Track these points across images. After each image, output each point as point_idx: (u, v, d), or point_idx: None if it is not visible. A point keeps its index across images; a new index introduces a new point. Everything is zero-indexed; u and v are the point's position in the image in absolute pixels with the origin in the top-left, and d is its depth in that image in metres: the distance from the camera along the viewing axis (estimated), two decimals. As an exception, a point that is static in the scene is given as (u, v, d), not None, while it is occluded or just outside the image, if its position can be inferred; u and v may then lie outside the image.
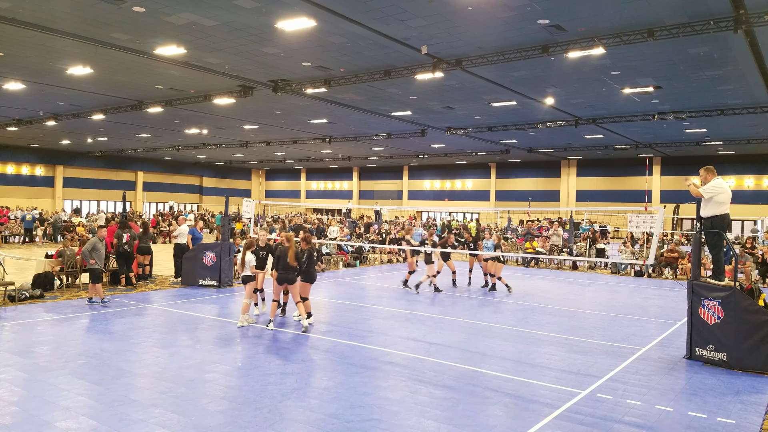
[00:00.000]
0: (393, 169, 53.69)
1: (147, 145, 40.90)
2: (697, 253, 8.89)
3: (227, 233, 14.76)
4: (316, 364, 7.88)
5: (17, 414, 5.76)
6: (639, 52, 15.14)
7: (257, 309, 11.50)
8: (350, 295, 14.27)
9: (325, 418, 5.85)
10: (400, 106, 24.03)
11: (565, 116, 25.46)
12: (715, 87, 19.05)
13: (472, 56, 15.87)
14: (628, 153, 37.49)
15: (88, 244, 11.94)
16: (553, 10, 12.29)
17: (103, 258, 12.03)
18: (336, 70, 17.81)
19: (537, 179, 45.94)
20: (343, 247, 21.70)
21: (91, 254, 11.70)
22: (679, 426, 5.86)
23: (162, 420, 5.68)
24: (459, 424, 5.77)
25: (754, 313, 7.88)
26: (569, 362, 8.22)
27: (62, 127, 30.96)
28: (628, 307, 13.13)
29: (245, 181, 62.07)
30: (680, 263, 19.14)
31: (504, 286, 15.07)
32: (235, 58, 16.56)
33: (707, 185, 8.54)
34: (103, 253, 12.02)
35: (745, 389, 7.14)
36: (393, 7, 12.27)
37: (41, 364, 7.46)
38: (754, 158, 36.95)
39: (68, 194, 46.50)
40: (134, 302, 12.18)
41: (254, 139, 37.00)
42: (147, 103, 24.06)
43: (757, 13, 12.00)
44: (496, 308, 12.63)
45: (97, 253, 11.75)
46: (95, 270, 11.70)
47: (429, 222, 36.62)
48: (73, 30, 14.14)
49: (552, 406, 6.35)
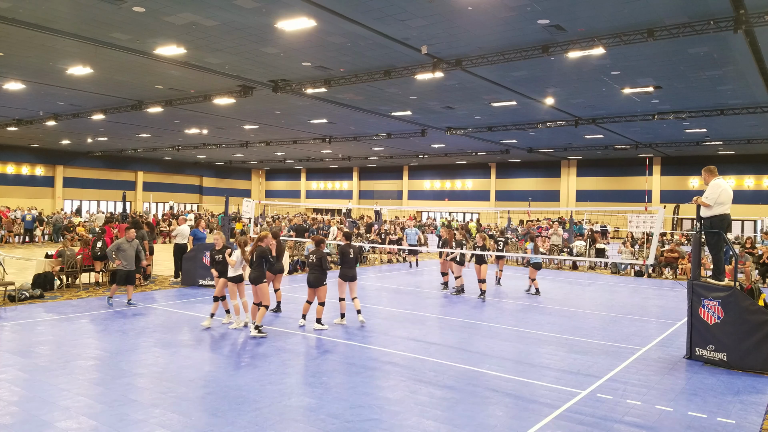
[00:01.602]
0: (393, 169, 53.69)
1: (147, 145, 40.92)
2: (697, 253, 8.88)
3: (227, 233, 14.75)
4: (316, 364, 7.88)
5: (17, 414, 5.76)
6: (639, 52, 15.14)
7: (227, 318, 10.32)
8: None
9: (325, 418, 5.85)
10: (400, 106, 24.03)
11: (565, 116, 25.46)
12: (715, 87, 19.05)
13: (472, 56, 15.88)
14: (628, 153, 37.49)
15: (113, 245, 11.67)
16: (553, 10, 12.29)
17: (131, 258, 11.59)
18: (336, 70, 17.81)
19: (537, 179, 45.94)
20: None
21: (117, 255, 11.45)
22: (679, 426, 5.86)
23: (162, 420, 5.68)
24: (459, 424, 5.77)
25: (754, 313, 7.87)
26: (569, 362, 8.22)
27: (62, 127, 30.96)
28: (628, 307, 13.13)
29: (245, 181, 62.08)
30: (680, 263, 19.14)
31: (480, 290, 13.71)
32: (235, 58, 16.56)
33: (707, 191, 8.56)
34: (131, 254, 11.58)
35: (745, 389, 7.14)
36: (393, 7, 12.27)
37: (41, 364, 7.46)
38: (754, 158, 36.95)
39: (68, 194, 46.51)
40: (134, 302, 12.18)
41: (254, 139, 37.01)
42: (147, 103, 24.06)
43: (757, 13, 12.00)
44: (496, 308, 12.62)
45: (123, 254, 11.44)
46: (118, 271, 11.56)
47: (429, 222, 36.59)
48: (73, 30, 14.14)
49: (552, 406, 6.35)
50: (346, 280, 10.26)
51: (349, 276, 10.25)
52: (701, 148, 34.25)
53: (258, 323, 9.30)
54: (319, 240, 10.23)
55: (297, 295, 14.11)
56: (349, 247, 10.31)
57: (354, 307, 10.53)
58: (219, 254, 10.00)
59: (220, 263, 10.01)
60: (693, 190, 38.84)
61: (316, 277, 9.81)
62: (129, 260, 11.57)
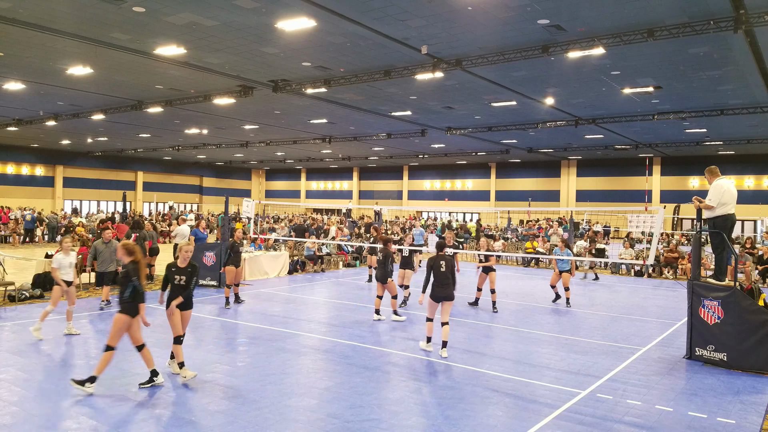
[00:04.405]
0: (393, 169, 53.68)
1: (147, 145, 40.90)
2: (697, 253, 8.88)
3: (227, 233, 14.76)
4: (316, 364, 7.88)
5: (17, 414, 5.76)
6: (639, 52, 15.13)
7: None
8: (350, 295, 14.28)
9: (325, 418, 5.85)
10: (400, 106, 24.03)
11: (565, 116, 25.45)
12: (715, 87, 19.05)
13: (472, 56, 15.87)
14: (628, 153, 37.48)
15: (90, 252, 11.58)
16: (553, 10, 12.29)
17: (108, 260, 11.31)
18: (336, 70, 17.81)
19: (537, 179, 45.92)
20: (343, 247, 21.70)
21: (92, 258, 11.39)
22: (679, 426, 5.86)
23: (162, 420, 5.68)
24: (459, 424, 5.77)
25: (754, 313, 7.88)
26: (569, 362, 8.22)
27: (62, 127, 30.95)
28: (628, 307, 13.13)
29: (245, 181, 62.05)
30: (680, 263, 19.14)
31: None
32: (235, 58, 16.56)
33: (709, 192, 8.53)
34: (107, 256, 11.34)
35: (745, 389, 7.14)
36: (393, 7, 12.27)
37: (41, 364, 7.46)
38: (754, 158, 36.94)
39: (68, 194, 46.49)
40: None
41: (254, 139, 37.00)
42: (147, 103, 24.06)
43: (757, 13, 12.00)
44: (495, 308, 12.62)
45: (99, 256, 11.32)
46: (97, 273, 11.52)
47: (429, 221, 36.60)
48: (73, 30, 14.14)
49: (552, 406, 6.35)
50: (438, 301, 8.40)
51: (442, 296, 8.36)
52: (701, 148, 34.24)
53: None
54: (386, 239, 11.38)
55: (297, 295, 14.12)
56: (441, 260, 8.45)
57: (441, 336, 8.43)
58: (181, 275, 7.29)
59: (180, 287, 7.29)
60: (693, 190, 38.82)
61: (383, 273, 10.84)
62: (105, 262, 11.32)
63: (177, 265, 7.22)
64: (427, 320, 8.67)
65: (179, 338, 7.09)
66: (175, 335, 7.09)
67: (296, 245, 21.41)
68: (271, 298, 13.53)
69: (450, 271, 8.42)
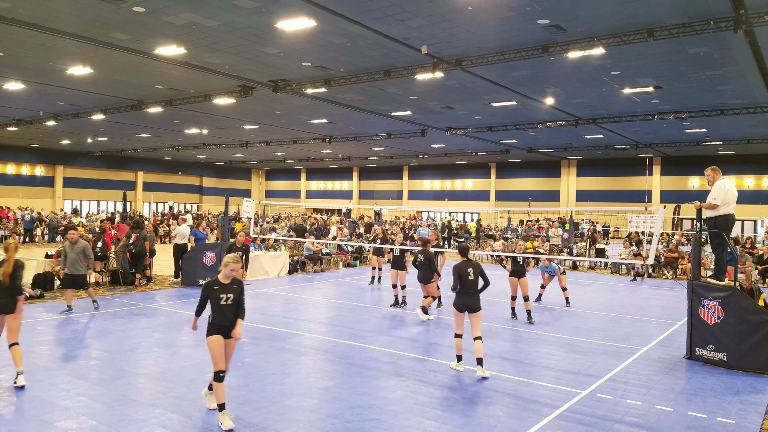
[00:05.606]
0: (393, 169, 53.68)
1: (147, 145, 40.90)
2: (697, 253, 8.88)
3: (227, 233, 14.77)
4: (316, 364, 7.88)
5: (17, 414, 5.76)
6: (639, 52, 15.13)
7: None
8: (350, 295, 14.28)
9: (325, 418, 5.85)
10: (400, 106, 24.03)
11: (565, 116, 25.46)
12: (715, 87, 19.05)
13: (472, 56, 15.88)
14: (628, 153, 37.49)
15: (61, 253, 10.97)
16: (553, 10, 12.29)
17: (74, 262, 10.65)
18: (336, 70, 17.81)
19: (537, 179, 45.93)
20: (343, 247, 21.70)
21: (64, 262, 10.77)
22: (679, 426, 5.86)
23: (162, 420, 5.68)
24: (459, 424, 5.77)
25: (754, 313, 7.88)
26: (569, 362, 8.22)
27: (62, 127, 30.95)
28: (628, 307, 13.13)
29: (245, 181, 62.05)
30: (680, 263, 19.13)
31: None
32: (235, 58, 16.56)
33: (712, 191, 8.50)
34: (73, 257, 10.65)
35: (745, 389, 7.14)
36: (393, 7, 12.27)
37: (41, 364, 7.46)
38: (754, 158, 36.95)
39: (68, 194, 46.49)
40: (134, 302, 12.18)
41: (254, 139, 37.00)
42: (147, 103, 24.06)
43: (757, 13, 12.00)
44: (495, 308, 12.62)
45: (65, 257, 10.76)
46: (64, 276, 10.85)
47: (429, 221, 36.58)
48: (73, 30, 14.14)
49: (552, 406, 6.35)
50: (462, 311, 7.51)
51: (467, 306, 7.45)
52: (701, 148, 34.24)
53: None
54: (426, 241, 11.56)
55: (297, 295, 14.12)
56: (468, 266, 7.53)
57: (474, 352, 7.41)
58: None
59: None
60: (693, 190, 38.84)
61: (425, 274, 11.07)
62: (71, 264, 10.65)
63: (220, 281, 5.74)
64: (455, 336, 7.60)
65: (220, 374, 5.59)
66: (216, 370, 5.61)
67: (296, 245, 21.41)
68: (271, 298, 13.53)
69: (480, 279, 7.57)
